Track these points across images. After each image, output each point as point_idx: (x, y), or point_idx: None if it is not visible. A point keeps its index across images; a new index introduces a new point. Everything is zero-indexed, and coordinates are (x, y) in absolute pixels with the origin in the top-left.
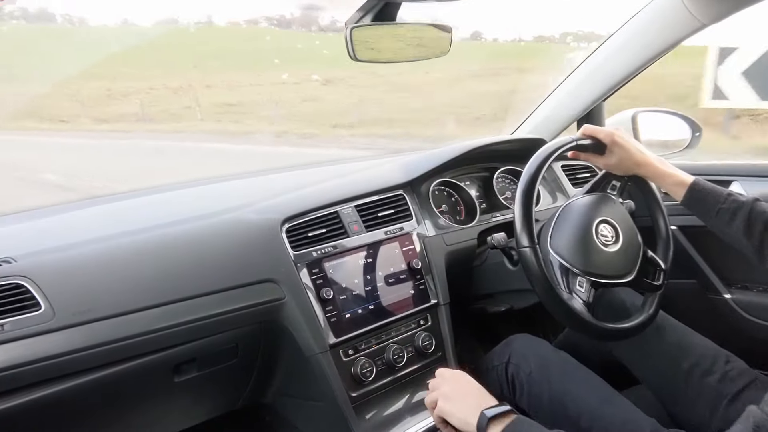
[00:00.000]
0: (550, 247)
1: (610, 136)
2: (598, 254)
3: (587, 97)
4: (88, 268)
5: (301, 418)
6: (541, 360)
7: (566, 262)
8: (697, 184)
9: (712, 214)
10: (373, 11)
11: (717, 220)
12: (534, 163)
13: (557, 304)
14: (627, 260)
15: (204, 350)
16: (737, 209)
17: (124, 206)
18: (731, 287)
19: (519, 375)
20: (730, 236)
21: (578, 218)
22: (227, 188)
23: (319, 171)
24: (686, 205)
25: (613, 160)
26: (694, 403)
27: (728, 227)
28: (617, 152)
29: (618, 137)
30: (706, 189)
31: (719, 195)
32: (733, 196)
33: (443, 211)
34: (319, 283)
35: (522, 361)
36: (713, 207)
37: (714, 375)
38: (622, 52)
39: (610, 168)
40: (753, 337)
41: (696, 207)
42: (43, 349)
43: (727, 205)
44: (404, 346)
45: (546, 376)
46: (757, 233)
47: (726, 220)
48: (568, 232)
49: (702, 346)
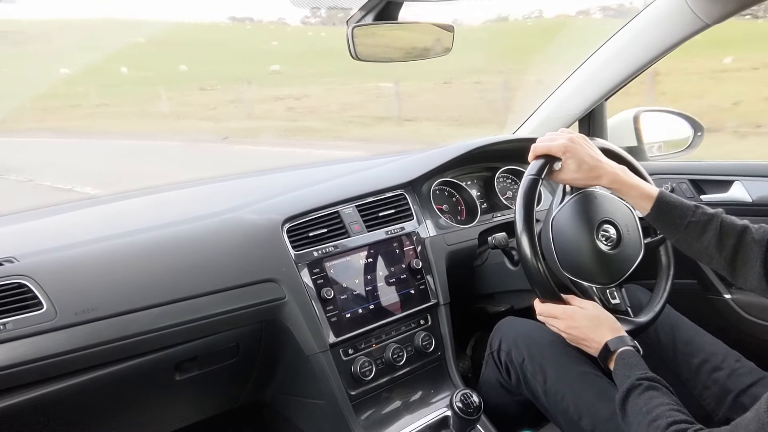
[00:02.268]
0: (561, 268)
1: (561, 148)
2: (599, 256)
3: (589, 97)
4: (89, 267)
5: (301, 417)
6: (534, 347)
7: (583, 281)
8: (664, 197)
9: (680, 227)
10: (375, 10)
11: (686, 234)
12: (536, 163)
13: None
14: (628, 261)
15: (205, 349)
16: (707, 222)
17: (126, 206)
18: (731, 287)
19: (513, 362)
20: (698, 250)
21: (578, 234)
22: (228, 188)
23: (320, 171)
24: (651, 219)
25: (569, 173)
26: (700, 395)
27: (698, 241)
28: (571, 163)
29: (570, 147)
30: (672, 202)
31: (687, 208)
32: (702, 209)
33: (444, 211)
34: (320, 283)
35: (513, 347)
36: (682, 220)
37: (723, 371)
38: (624, 51)
39: (575, 183)
40: (753, 337)
41: (662, 220)
42: (45, 347)
43: (696, 218)
44: (404, 346)
45: (540, 367)
46: (729, 246)
47: (696, 233)
48: (571, 246)
49: (713, 345)
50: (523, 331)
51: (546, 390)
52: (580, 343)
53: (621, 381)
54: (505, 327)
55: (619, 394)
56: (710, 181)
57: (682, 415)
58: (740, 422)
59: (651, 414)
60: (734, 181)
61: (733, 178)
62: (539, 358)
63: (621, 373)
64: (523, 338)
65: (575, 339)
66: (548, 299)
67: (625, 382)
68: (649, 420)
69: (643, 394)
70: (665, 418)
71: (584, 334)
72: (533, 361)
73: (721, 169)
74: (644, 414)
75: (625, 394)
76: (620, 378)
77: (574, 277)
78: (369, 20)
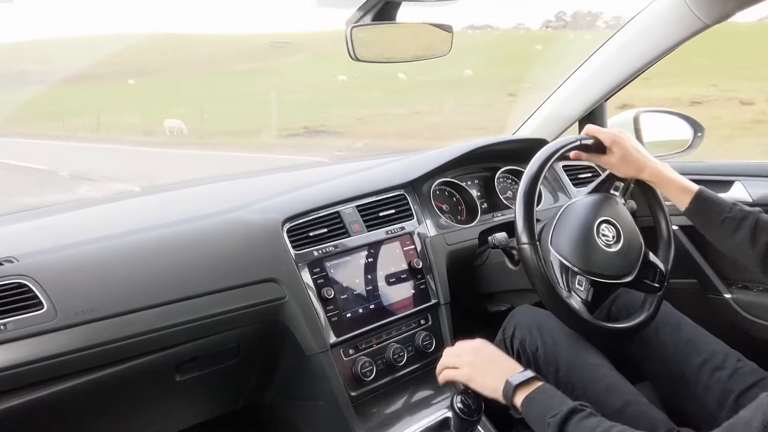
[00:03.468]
0: (550, 246)
1: (610, 137)
2: (598, 254)
3: (589, 97)
4: (90, 267)
5: (302, 418)
6: (549, 337)
7: (566, 260)
8: (703, 192)
9: (716, 222)
10: (373, 11)
11: (721, 229)
12: (536, 163)
13: (556, 301)
14: (627, 261)
15: (205, 350)
16: (743, 218)
17: (126, 206)
18: (732, 287)
19: (525, 350)
20: (732, 245)
21: (580, 218)
22: (228, 188)
23: (320, 171)
24: (689, 213)
25: (614, 159)
26: (702, 396)
27: (732, 236)
28: (618, 152)
29: (618, 138)
30: (711, 198)
31: (724, 204)
32: (739, 206)
33: (444, 210)
34: (320, 283)
35: (527, 335)
36: (718, 215)
37: (724, 371)
38: (624, 52)
39: (612, 167)
40: (753, 336)
41: (700, 215)
42: (45, 348)
43: (733, 214)
44: (404, 346)
45: (554, 356)
46: (763, 243)
47: (731, 229)
48: (569, 232)
49: (714, 344)
50: (538, 319)
51: (558, 380)
52: (475, 380)
53: (548, 406)
54: (520, 314)
55: (555, 417)
56: (710, 181)
57: None
58: (738, 420)
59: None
60: (734, 182)
61: (733, 178)
62: (553, 348)
63: (545, 400)
64: (538, 326)
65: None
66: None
67: (558, 405)
68: None
69: (589, 419)
70: None
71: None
72: (547, 350)
73: (721, 170)
74: None
75: (566, 416)
76: (545, 405)
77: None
78: (367, 20)
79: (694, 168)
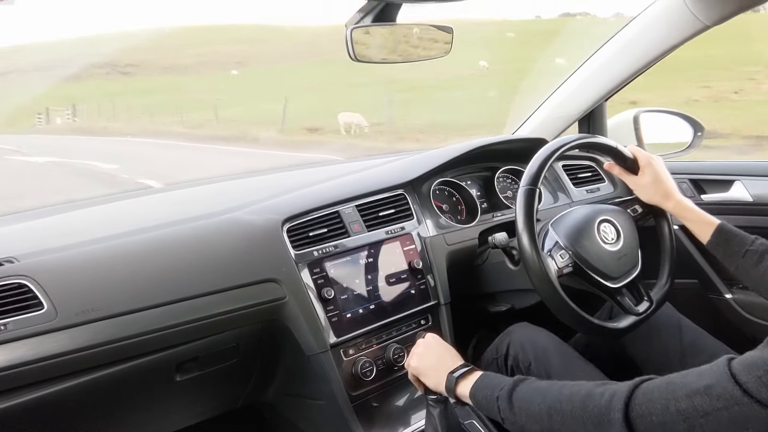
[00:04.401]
0: (550, 226)
1: (647, 158)
2: (592, 243)
3: (589, 98)
4: (90, 267)
5: (302, 417)
6: (541, 352)
7: (560, 238)
8: (725, 226)
9: (738, 255)
10: (374, 12)
11: (743, 261)
12: (542, 155)
13: (552, 296)
14: (618, 266)
15: (205, 350)
16: (765, 252)
17: (126, 206)
18: (732, 287)
19: (519, 366)
20: (755, 278)
21: (587, 211)
22: (228, 188)
23: (320, 171)
24: (711, 246)
25: (643, 181)
26: None
27: (755, 269)
28: (649, 175)
29: (655, 162)
30: (732, 231)
31: (746, 237)
32: (760, 240)
33: (444, 210)
34: (320, 283)
35: (520, 351)
36: (740, 248)
37: None
38: (623, 52)
39: (638, 189)
40: (754, 337)
41: (722, 247)
42: (45, 348)
43: (755, 247)
44: (405, 346)
45: (546, 372)
46: None
47: (753, 261)
48: (572, 219)
49: (715, 346)
50: (531, 336)
51: None
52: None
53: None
54: (514, 332)
55: (502, 391)
56: (711, 181)
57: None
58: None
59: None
60: (734, 181)
61: (733, 178)
62: (545, 364)
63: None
64: (531, 343)
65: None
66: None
67: (501, 383)
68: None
69: (535, 383)
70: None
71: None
72: (539, 366)
73: (721, 169)
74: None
75: (512, 387)
76: (489, 387)
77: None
78: (368, 22)
79: (695, 168)
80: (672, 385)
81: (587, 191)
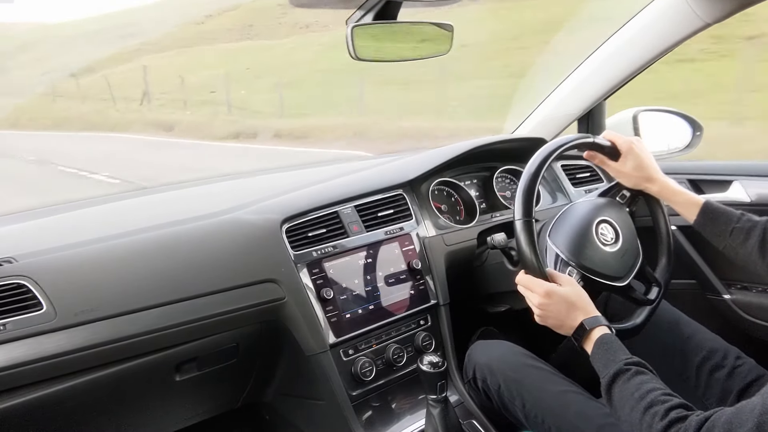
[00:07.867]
0: (548, 237)
1: (627, 144)
2: (594, 249)
3: (588, 97)
4: (89, 268)
5: (301, 417)
6: (507, 371)
7: (561, 252)
8: (710, 204)
9: (726, 234)
10: (374, 10)
11: (731, 240)
12: (540, 156)
13: None
14: (622, 264)
15: (205, 350)
16: (751, 229)
17: (125, 206)
18: (730, 288)
19: (490, 390)
20: (743, 256)
21: (581, 214)
22: (227, 188)
23: (319, 171)
24: (699, 225)
25: (626, 168)
26: (703, 395)
27: (742, 247)
28: (631, 161)
29: (636, 147)
30: (718, 210)
31: (732, 215)
32: (747, 216)
33: (443, 211)
34: (319, 283)
35: (487, 374)
36: (727, 227)
37: (723, 369)
38: (624, 50)
39: (621, 176)
40: (752, 337)
41: (709, 227)
42: (44, 348)
43: (741, 224)
44: (404, 346)
45: (518, 391)
46: None
47: (741, 239)
48: (568, 226)
49: (713, 341)
50: (495, 355)
51: (526, 414)
52: (549, 323)
53: (603, 364)
54: (476, 354)
55: (604, 379)
56: (709, 181)
57: (677, 400)
58: (745, 405)
59: (645, 400)
60: (733, 181)
61: (732, 178)
62: (515, 383)
63: (602, 357)
64: (497, 362)
65: (545, 318)
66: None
67: (609, 366)
68: (644, 406)
69: (632, 379)
70: (661, 404)
71: (555, 315)
72: (509, 386)
73: (720, 169)
74: (637, 400)
75: (612, 379)
76: (602, 362)
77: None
78: (368, 20)
79: (694, 168)
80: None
81: (586, 191)
